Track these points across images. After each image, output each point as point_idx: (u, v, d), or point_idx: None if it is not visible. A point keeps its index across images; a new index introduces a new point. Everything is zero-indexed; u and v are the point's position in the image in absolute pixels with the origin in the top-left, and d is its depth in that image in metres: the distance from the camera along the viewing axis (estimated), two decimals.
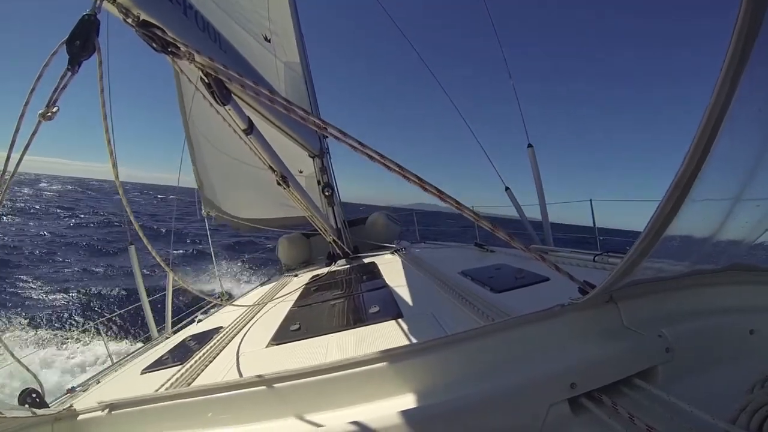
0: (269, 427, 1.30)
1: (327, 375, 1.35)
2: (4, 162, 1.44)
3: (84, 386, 2.53)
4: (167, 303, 4.63)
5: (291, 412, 1.32)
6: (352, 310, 2.73)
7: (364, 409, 1.26)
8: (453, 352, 1.34)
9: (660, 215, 1.01)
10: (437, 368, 1.32)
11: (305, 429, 1.23)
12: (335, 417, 1.25)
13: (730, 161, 1.03)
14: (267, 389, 1.36)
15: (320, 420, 1.26)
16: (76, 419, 1.49)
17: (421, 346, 1.36)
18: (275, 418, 1.32)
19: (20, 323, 11.26)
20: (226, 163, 6.54)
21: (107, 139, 1.92)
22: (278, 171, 3.80)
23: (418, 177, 1.59)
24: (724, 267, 1.49)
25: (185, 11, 2.27)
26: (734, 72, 0.81)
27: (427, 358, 1.34)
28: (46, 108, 1.48)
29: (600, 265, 2.56)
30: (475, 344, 1.36)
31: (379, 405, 1.27)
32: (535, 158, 4.33)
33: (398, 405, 1.22)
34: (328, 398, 1.32)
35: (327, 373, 1.35)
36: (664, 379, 1.25)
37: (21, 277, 16.03)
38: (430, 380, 1.31)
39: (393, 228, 7.02)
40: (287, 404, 1.34)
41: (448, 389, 1.25)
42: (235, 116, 2.90)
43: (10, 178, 1.46)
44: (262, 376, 1.39)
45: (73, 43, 1.54)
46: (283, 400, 1.35)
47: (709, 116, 0.86)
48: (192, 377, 2.02)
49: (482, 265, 3.24)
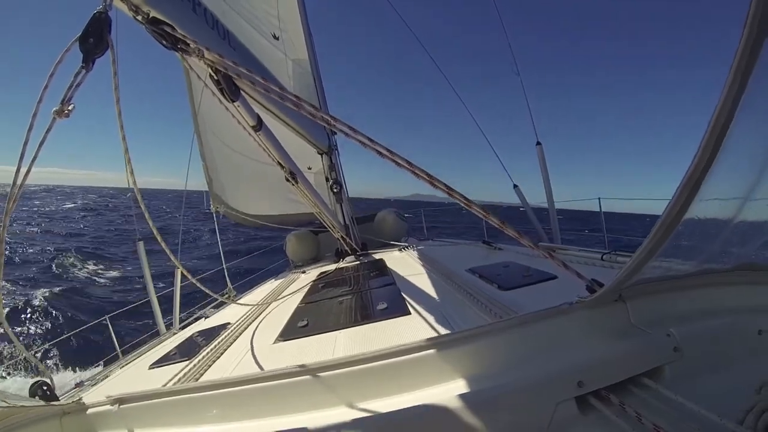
0: (277, 422, 1.31)
1: (335, 371, 1.36)
2: (18, 159, 1.45)
3: (92, 380, 2.57)
4: (175, 299, 4.65)
5: (299, 407, 1.33)
6: (360, 307, 2.74)
7: (371, 405, 1.26)
8: (460, 349, 1.35)
9: (669, 214, 1.00)
10: (444, 365, 1.33)
11: (313, 424, 1.24)
12: (343, 413, 1.26)
13: (740, 160, 1.02)
14: (275, 385, 1.37)
15: (328, 415, 1.27)
16: (85, 413, 1.51)
17: (428, 344, 1.37)
18: (283, 414, 1.33)
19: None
20: (234, 159, 6.55)
21: (122, 136, 1.94)
22: (287, 167, 3.81)
23: (427, 173, 1.59)
24: (733, 266, 1.48)
25: (194, 8, 2.28)
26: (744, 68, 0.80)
27: (435, 355, 1.34)
28: (61, 105, 1.49)
29: (608, 263, 2.55)
30: (482, 342, 1.36)
31: (386, 401, 1.27)
32: (543, 156, 4.31)
33: (404, 401, 1.23)
34: (335, 394, 1.33)
35: (335, 369, 1.36)
36: (672, 378, 1.25)
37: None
38: (437, 377, 1.31)
39: (401, 225, 7.02)
40: (295, 400, 1.35)
41: (456, 386, 1.26)
42: (244, 113, 2.90)
43: (26, 173, 1.48)
44: (270, 371, 1.40)
45: (86, 41, 1.55)
46: (290, 395, 1.36)
47: (719, 114, 0.85)
48: (200, 372, 2.04)
49: (490, 263, 3.24)
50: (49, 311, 11.74)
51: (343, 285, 3.77)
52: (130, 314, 7.35)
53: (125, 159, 2.01)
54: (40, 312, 11.67)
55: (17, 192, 1.48)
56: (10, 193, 1.46)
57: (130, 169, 2.04)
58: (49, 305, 12.09)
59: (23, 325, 10.94)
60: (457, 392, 1.21)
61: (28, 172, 1.48)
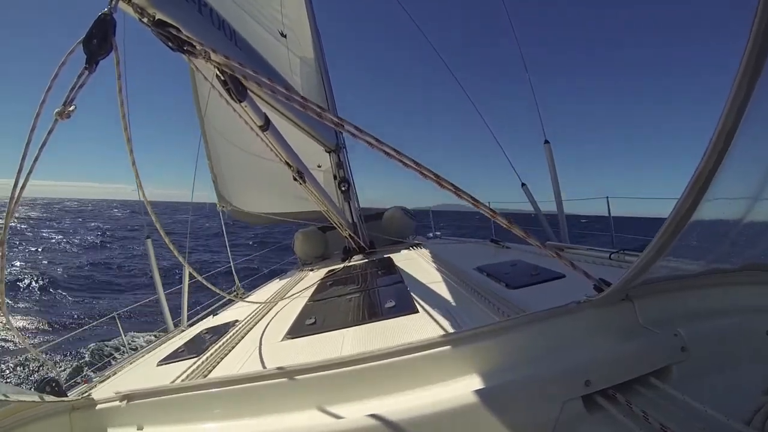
0: (285, 419, 1.32)
1: (343, 369, 1.37)
2: (20, 160, 1.46)
3: (101, 377, 2.59)
4: (183, 296, 4.69)
5: (307, 404, 1.34)
6: (368, 305, 2.74)
7: (379, 403, 1.27)
8: (468, 347, 1.35)
9: (678, 213, 1.00)
10: (452, 364, 1.33)
11: (321, 421, 1.25)
12: (351, 410, 1.26)
13: (750, 159, 1.01)
14: (282, 382, 1.38)
15: (335, 413, 1.27)
16: (93, 408, 1.52)
17: (436, 342, 1.37)
18: (291, 411, 1.34)
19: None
20: (241, 158, 6.54)
21: (126, 137, 1.95)
22: (294, 166, 3.81)
23: (435, 173, 1.59)
24: (741, 266, 1.47)
25: (200, 9, 2.28)
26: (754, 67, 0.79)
27: (443, 353, 1.35)
28: (63, 107, 1.50)
29: (616, 262, 2.54)
30: (490, 340, 1.36)
31: (394, 399, 1.28)
32: (551, 155, 4.28)
33: (412, 399, 1.23)
34: (343, 392, 1.34)
35: (343, 366, 1.37)
36: (679, 378, 1.25)
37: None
38: (445, 375, 1.32)
39: (409, 223, 7.01)
40: (303, 397, 1.36)
41: (464, 384, 1.26)
42: (251, 113, 2.90)
43: (27, 175, 1.49)
44: (278, 369, 1.41)
45: (90, 42, 1.55)
46: (298, 392, 1.37)
47: (728, 113, 0.84)
48: (208, 369, 2.05)
49: (498, 261, 3.24)
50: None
51: (351, 283, 3.78)
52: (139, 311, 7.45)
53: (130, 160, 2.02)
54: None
55: (19, 192, 1.49)
56: (12, 192, 1.47)
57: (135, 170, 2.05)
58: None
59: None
60: (464, 390, 1.21)
61: (29, 173, 1.49)
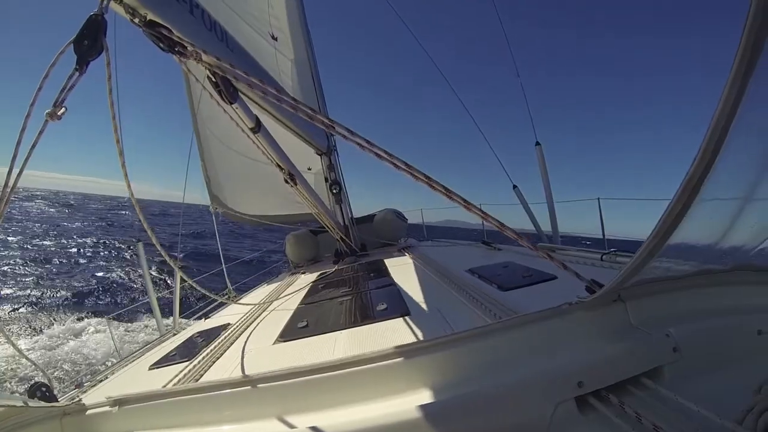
0: (277, 423, 1.31)
1: (335, 372, 1.36)
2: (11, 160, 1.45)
3: (92, 381, 2.56)
4: (175, 300, 4.64)
5: (299, 408, 1.33)
6: (360, 308, 2.73)
7: (371, 407, 1.26)
8: (460, 349, 1.35)
9: (670, 215, 1.00)
10: (444, 366, 1.33)
11: (313, 425, 1.24)
12: (342, 414, 1.26)
13: (741, 160, 1.02)
14: (275, 386, 1.37)
15: (328, 417, 1.26)
16: (84, 413, 1.51)
17: (428, 344, 1.37)
18: (283, 415, 1.33)
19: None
20: (234, 159, 6.54)
21: (116, 139, 1.93)
22: (286, 169, 3.80)
23: (426, 175, 1.58)
24: (733, 267, 1.48)
25: (192, 10, 2.27)
26: (745, 70, 0.80)
27: (435, 355, 1.34)
28: (53, 108, 1.48)
29: (608, 264, 2.55)
30: (482, 342, 1.36)
31: (385, 402, 1.27)
32: (542, 156, 4.30)
33: (405, 402, 1.23)
34: (335, 395, 1.33)
35: (335, 370, 1.36)
36: (672, 378, 1.25)
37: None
38: (438, 378, 1.31)
39: (401, 225, 7.01)
40: (295, 401, 1.35)
41: (456, 387, 1.25)
42: (242, 115, 2.90)
43: (18, 175, 1.47)
44: (270, 372, 1.40)
45: (81, 43, 1.54)
46: (290, 396, 1.36)
47: (719, 116, 0.85)
48: (200, 373, 2.03)
49: (490, 263, 3.24)
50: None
51: (343, 286, 3.77)
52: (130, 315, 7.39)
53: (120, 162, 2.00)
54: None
55: (9, 193, 1.47)
56: (2, 193, 1.45)
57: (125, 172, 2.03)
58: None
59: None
60: (457, 392, 1.21)
61: (20, 174, 1.47)
